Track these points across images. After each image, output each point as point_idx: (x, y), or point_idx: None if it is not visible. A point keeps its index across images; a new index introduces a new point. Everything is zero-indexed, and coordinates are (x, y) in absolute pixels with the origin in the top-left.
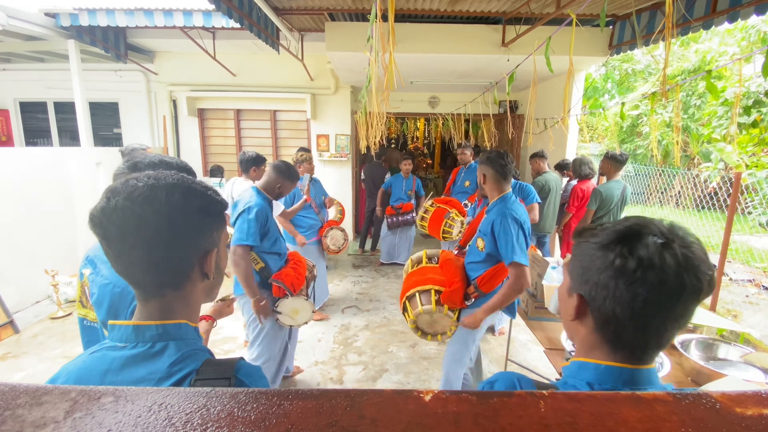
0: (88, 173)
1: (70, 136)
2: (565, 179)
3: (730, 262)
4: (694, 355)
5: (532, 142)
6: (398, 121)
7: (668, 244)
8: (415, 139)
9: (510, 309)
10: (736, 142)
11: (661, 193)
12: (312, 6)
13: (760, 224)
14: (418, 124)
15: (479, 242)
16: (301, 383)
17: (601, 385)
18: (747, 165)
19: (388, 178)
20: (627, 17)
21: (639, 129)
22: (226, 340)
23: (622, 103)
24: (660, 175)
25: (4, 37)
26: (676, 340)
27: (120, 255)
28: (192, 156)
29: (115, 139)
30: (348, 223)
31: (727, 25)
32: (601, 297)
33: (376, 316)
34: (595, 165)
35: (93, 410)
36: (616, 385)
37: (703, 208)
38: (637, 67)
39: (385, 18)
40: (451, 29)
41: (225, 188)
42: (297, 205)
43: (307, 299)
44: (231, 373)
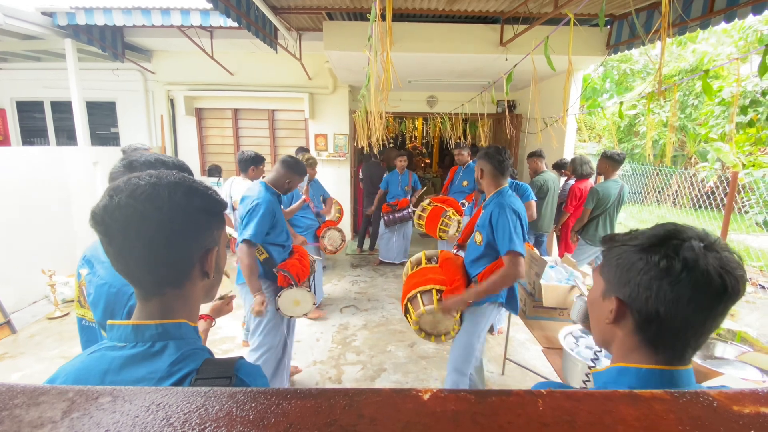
0: (85, 173)
1: (67, 136)
2: (563, 178)
3: None
4: None
5: (532, 142)
6: (396, 121)
7: (710, 247)
8: (413, 139)
9: (513, 305)
10: (734, 141)
11: (659, 192)
12: (310, 5)
13: (757, 223)
14: (417, 123)
15: (477, 236)
16: (299, 383)
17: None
18: (744, 164)
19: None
20: (624, 17)
21: (636, 128)
22: (225, 340)
23: (620, 103)
24: (657, 175)
25: (1, 36)
26: None
27: (121, 253)
28: (190, 155)
29: (113, 139)
30: (346, 223)
31: (724, 25)
32: (643, 298)
33: (375, 316)
34: (594, 164)
35: (91, 410)
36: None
37: (700, 207)
38: (636, 67)
39: (383, 17)
40: (449, 29)
41: (223, 188)
42: (295, 205)
43: (310, 291)
44: (231, 372)
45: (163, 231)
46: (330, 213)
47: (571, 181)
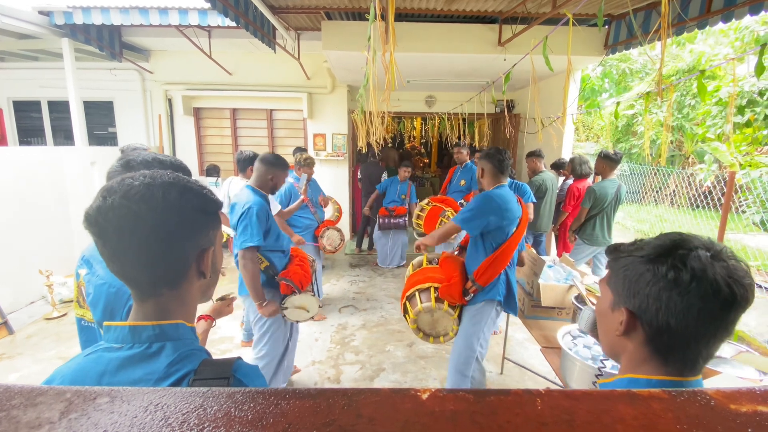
0: (83, 173)
1: (65, 136)
2: (561, 178)
3: None
4: None
5: (531, 141)
6: (395, 121)
7: (717, 256)
8: (412, 139)
9: (512, 305)
10: (731, 141)
11: (656, 192)
12: (308, 5)
13: (754, 223)
14: (415, 123)
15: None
16: (298, 383)
17: None
18: (741, 164)
19: (384, 177)
20: (622, 17)
21: (634, 128)
22: (223, 340)
23: (617, 103)
24: (655, 174)
25: None
26: None
27: (116, 254)
28: (188, 155)
29: (110, 138)
30: (345, 223)
31: (721, 25)
32: (653, 309)
33: (373, 316)
34: (593, 164)
35: (88, 411)
36: None
37: (698, 206)
38: (634, 67)
39: (383, 17)
40: (448, 29)
41: (221, 188)
42: (294, 205)
43: (314, 295)
44: (229, 373)
45: (158, 231)
46: (326, 205)
47: (570, 181)
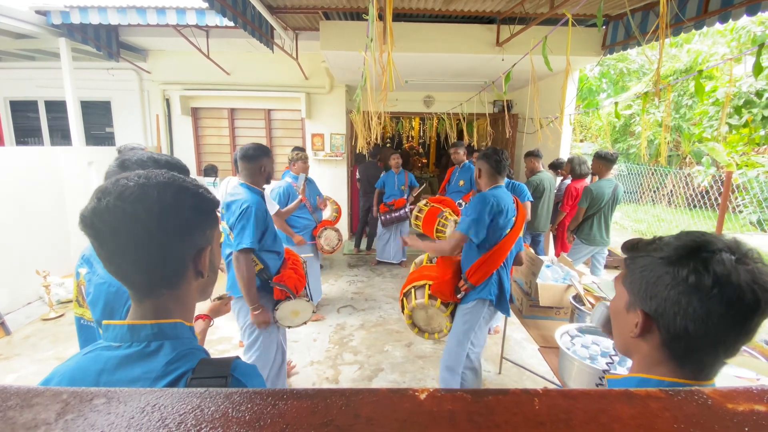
0: (80, 173)
1: (62, 136)
2: (559, 178)
3: None
4: None
5: (530, 141)
6: (393, 121)
7: (742, 260)
8: (410, 139)
9: (504, 307)
10: (727, 142)
11: (654, 191)
12: (306, 5)
13: (751, 222)
14: (413, 123)
15: None
16: (296, 383)
17: None
18: (738, 164)
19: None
20: (620, 17)
21: (632, 128)
22: (222, 341)
23: (615, 103)
24: (652, 174)
25: None
26: None
27: (112, 255)
28: (186, 155)
29: (108, 139)
30: (343, 223)
31: (718, 26)
32: (671, 313)
33: (372, 316)
34: (590, 164)
35: (85, 412)
36: None
37: (695, 206)
38: (632, 67)
39: (381, 17)
40: (446, 29)
41: (219, 187)
42: (292, 204)
43: (308, 300)
44: (227, 372)
45: (154, 232)
46: (326, 207)
47: (567, 181)
